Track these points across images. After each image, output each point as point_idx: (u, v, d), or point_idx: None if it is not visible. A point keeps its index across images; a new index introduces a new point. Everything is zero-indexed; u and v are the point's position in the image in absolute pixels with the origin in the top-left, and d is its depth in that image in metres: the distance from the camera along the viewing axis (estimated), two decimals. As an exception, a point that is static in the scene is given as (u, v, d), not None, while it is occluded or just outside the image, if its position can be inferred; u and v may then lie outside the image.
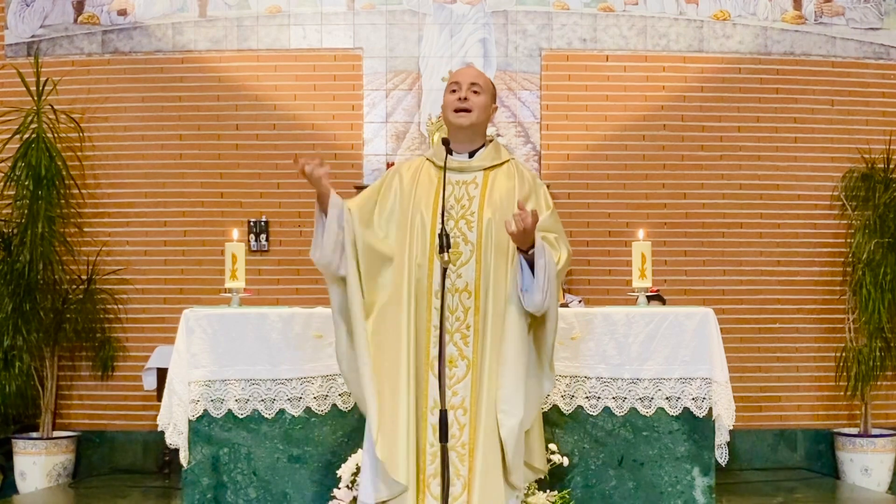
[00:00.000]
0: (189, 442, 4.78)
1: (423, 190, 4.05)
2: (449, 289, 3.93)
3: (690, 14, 7.95)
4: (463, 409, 3.92)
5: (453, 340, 3.94)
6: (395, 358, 3.92)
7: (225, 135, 7.91)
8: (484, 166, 4.09)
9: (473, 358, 3.94)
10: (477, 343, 3.94)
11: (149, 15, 7.94)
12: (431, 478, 3.87)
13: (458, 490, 3.86)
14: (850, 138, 7.85)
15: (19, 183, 7.50)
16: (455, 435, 3.89)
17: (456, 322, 3.95)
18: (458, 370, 3.93)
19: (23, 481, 7.31)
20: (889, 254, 7.53)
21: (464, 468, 3.89)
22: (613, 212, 7.86)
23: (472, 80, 4.06)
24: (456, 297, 3.95)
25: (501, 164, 4.12)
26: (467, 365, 3.94)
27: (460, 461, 3.89)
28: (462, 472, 3.88)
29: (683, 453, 4.81)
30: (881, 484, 7.36)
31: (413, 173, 4.12)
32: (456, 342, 3.94)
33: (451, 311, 3.94)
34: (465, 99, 4.01)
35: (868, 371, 7.44)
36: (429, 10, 7.97)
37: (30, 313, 7.32)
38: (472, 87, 4.05)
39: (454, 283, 3.94)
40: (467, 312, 3.95)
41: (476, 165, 4.08)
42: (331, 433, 4.82)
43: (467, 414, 3.92)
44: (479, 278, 3.96)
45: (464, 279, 3.95)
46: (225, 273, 5.05)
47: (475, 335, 3.94)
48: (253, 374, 4.81)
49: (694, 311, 4.87)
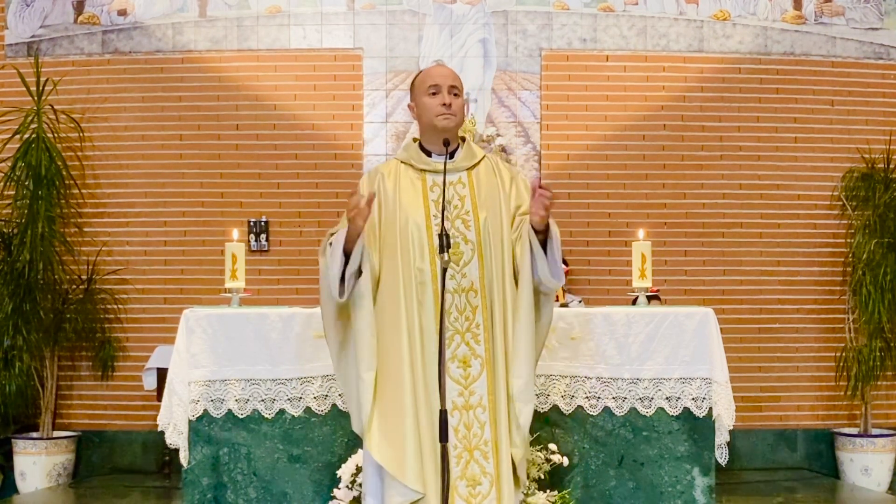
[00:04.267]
0: (189, 442, 4.78)
1: (407, 195, 4.03)
2: (455, 289, 3.94)
3: (690, 14, 7.95)
4: (482, 408, 3.93)
5: (465, 340, 3.95)
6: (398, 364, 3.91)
7: (225, 135, 7.91)
8: (466, 166, 4.10)
9: (486, 356, 3.95)
10: (488, 341, 3.96)
11: (149, 15, 7.94)
12: (458, 479, 3.89)
13: (486, 488, 3.90)
14: (850, 138, 7.84)
15: (19, 183, 7.50)
16: (477, 434, 3.92)
17: (465, 322, 3.96)
18: (472, 369, 3.95)
19: (23, 481, 7.31)
20: (889, 254, 7.53)
21: (489, 465, 3.92)
22: (613, 212, 7.86)
23: (451, 83, 4.04)
24: (463, 297, 3.96)
25: (479, 162, 4.12)
26: (481, 363, 3.95)
27: (485, 459, 3.92)
28: (489, 470, 3.91)
29: (683, 453, 4.81)
30: (881, 484, 7.36)
31: (393, 179, 4.08)
32: (468, 342, 3.96)
33: (459, 311, 3.95)
34: (450, 105, 4.00)
35: (868, 371, 7.44)
36: (429, 10, 7.97)
37: (30, 313, 7.32)
38: (451, 90, 4.03)
39: (460, 283, 3.95)
40: (475, 311, 3.96)
41: (461, 166, 4.09)
42: (331, 433, 4.82)
43: (486, 411, 3.93)
44: (483, 276, 3.97)
45: (469, 278, 3.96)
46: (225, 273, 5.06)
47: (486, 333, 3.96)
48: (253, 374, 4.82)
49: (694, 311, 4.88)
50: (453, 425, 3.88)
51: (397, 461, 3.84)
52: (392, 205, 4.02)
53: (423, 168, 4.05)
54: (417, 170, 4.06)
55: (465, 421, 3.91)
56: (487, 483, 3.91)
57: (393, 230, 3.99)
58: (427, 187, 4.02)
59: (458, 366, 3.94)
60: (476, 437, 3.91)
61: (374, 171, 4.12)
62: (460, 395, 3.92)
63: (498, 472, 3.92)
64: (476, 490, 3.89)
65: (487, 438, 3.93)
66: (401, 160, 4.12)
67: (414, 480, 3.80)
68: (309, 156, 7.90)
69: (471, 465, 3.90)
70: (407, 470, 3.82)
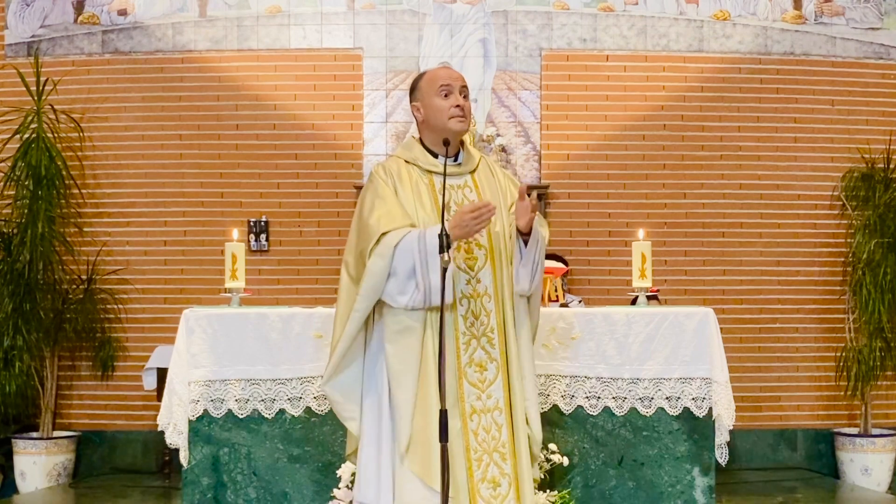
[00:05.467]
0: (189, 442, 4.78)
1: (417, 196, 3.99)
2: (471, 294, 3.95)
3: (690, 14, 7.95)
4: (499, 410, 3.96)
5: (480, 344, 3.96)
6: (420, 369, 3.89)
7: (225, 135, 7.91)
8: (470, 168, 4.10)
9: (501, 360, 3.97)
10: (503, 344, 3.98)
11: (149, 15, 7.94)
12: (480, 482, 3.90)
13: (505, 489, 3.94)
14: (850, 138, 7.85)
15: (19, 183, 7.50)
16: (495, 437, 3.95)
17: (481, 326, 3.96)
18: (488, 373, 3.96)
19: (23, 481, 7.31)
20: (889, 254, 7.53)
21: (507, 466, 3.94)
22: (613, 212, 7.86)
23: (462, 84, 4.02)
24: (478, 302, 3.96)
25: (478, 165, 4.13)
26: (496, 367, 3.97)
27: (503, 460, 3.95)
28: (507, 471, 3.94)
29: (683, 453, 4.81)
30: (881, 484, 7.36)
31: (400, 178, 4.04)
32: (483, 346, 3.97)
33: (475, 315, 3.95)
34: (461, 106, 3.98)
35: (868, 371, 7.44)
36: (429, 10, 7.97)
37: (30, 313, 7.32)
38: (462, 91, 4.01)
39: (475, 289, 3.96)
40: (490, 315, 3.97)
41: (466, 168, 4.08)
42: (331, 433, 4.82)
43: (503, 414, 3.96)
44: (496, 281, 3.98)
45: (483, 283, 3.97)
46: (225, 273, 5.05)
47: (500, 337, 3.98)
48: (253, 374, 4.82)
49: (694, 311, 4.88)
50: (472, 429, 3.92)
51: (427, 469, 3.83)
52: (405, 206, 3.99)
53: (430, 169, 4.03)
54: (423, 170, 4.04)
55: (483, 424, 3.94)
56: (506, 484, 3.94)
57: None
58: (435, 189, 4.00)
59: (476, 370, 3.95)
60: (494, 440, 3.94)
61: (386, 169, 4.02)
62: (478, 398, 3.94)
63: (516, 472, 3.95)
64: (496, 491, 3.93)
65: (505, 440, 3.96)
66: (406, 159, 4.06)
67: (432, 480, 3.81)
68: (309, 156, 7.90)
69: (490, 468, 3.93)
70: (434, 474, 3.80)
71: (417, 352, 3.86)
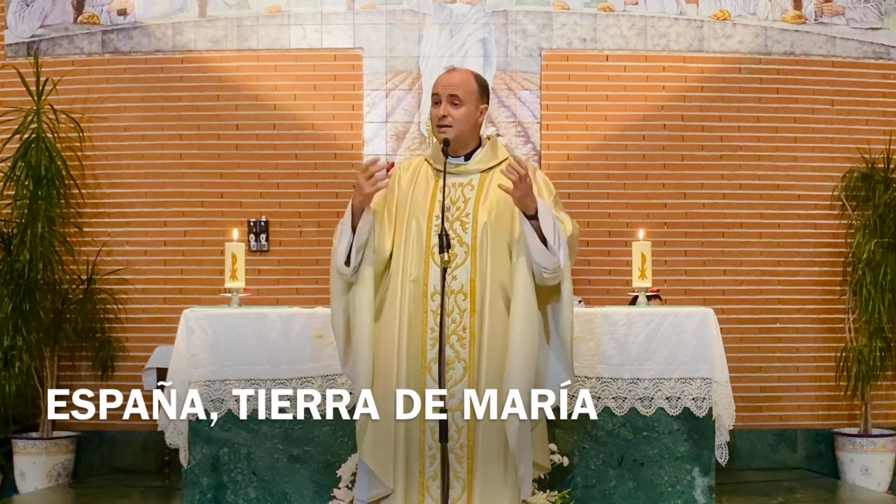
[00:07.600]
0: (189, 442, 4.78)
1: (419, 193, 4.07)
2: (445, 291, 3.92)
3: (690, 14, 7.95)
4: (460, 412, 3.90)
5: (450, 342, 3.93)
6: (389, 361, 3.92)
7: (225, 135, 7.91)
8: (480, 168, 4.10)
9: (470, 360, 3.93)
10: (473, 345, 3.94)
11: (149, 15, 7.94)
12: (431, 480, 3.87)
13: (458, 492, 3.87)
14: (850, 138, 7.84)
15: (19, 183, 7.49)
16: (454, 437, 3.88)
17: (452, 324, 3.95)
18: (455, 372, 3.93)
19: (23, 481, 7.31)
20: (889, 254, 7.52)
21: (462, 470, 3.89)
22: (613, 212, 7.86)
23: (450, 92, 4.02)
24: (451, 299, 3.95)
25: (499, 164, 4.11)
26: (464, 367, 3.93)
27: (459, 463, 3.89)
28: (461, 475, 3.89)
29: (683, 453, 4.81)
30: (881, 484, 7.35)
31: (411, 174, 4.13)
32: (452, 344, 3.94)
33: (447, 313, 3.93)
34: (445, 116, 4.00)
35: (868, 371, 7.44)
36: (429, 9, 7.96)
37: (30, 313, 7.31)
38: (451, 100, 4.02)
39: (449, 285, 3.94)
40: (463, 314, 3.95)
41: (473, 168, 4.09)
42: (331, 433, 4.82)
43: (464, 416, 3.91)
44: (473, 280, 3.96)
45: (459, 281, 3.96)
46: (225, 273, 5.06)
47: (471, 337, 3.94)
48: (253, 374, 4.82)
49: (694, 311, 4.88)
50: (430, 427, 3.87)
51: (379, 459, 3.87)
52: (403, 202, 4.05)
53: (438, 168, 4.05)
54: (435, 169, 4.08)
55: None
56: (460, 487, 3.88)
57: (401, 227, 4.02)
58: (438, 187, 4.02)
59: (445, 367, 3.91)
60: (452, 440, 3.86)
61: (399, 165, 4.21)
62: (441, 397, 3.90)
63: (471, 478, 3.88)
64: (449, 494, 3.85)
65: (464, 443, 3.90)
66: (426, 157, 4.18)
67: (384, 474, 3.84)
68: (309, 156, 7.90)
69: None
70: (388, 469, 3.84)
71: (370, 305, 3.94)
